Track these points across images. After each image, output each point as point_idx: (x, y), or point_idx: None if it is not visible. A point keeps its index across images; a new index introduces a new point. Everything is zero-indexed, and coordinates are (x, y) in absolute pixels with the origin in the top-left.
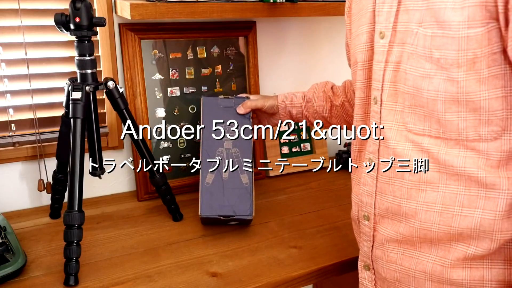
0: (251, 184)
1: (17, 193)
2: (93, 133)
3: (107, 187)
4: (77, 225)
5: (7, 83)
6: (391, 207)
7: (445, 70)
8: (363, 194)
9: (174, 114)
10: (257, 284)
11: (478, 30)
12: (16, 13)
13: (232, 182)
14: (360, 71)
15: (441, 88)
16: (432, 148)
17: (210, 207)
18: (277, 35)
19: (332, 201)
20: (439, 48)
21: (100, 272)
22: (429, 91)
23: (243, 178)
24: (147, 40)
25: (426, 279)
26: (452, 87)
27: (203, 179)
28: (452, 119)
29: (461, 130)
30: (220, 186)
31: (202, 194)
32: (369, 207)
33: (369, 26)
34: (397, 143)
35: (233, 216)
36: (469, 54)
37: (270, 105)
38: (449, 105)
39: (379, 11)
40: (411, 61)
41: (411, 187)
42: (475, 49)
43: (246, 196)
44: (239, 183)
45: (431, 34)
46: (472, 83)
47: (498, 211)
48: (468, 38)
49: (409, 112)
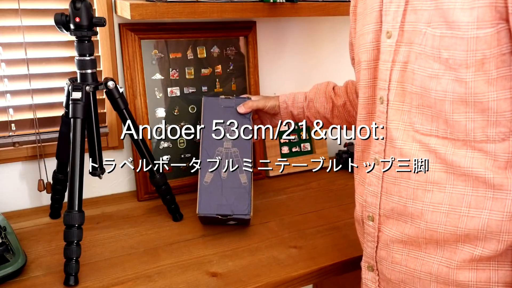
0: (249, 184)
1: (17, 193)
2: (93, 133)
3: (107, 187)
4: (77, 225)
5: (7, 83)
6: (397, 208)
7: (453, 71)
8: (368, 195)
9: (174, 114)
10: (257, 284)
11: (487, 30)
12: (16, 13)
13: (231, 182)
14: (364, 71)
15: (449, 89)
16: (440, 148)
17: (208, 206)
18: (277, 35)
19: (332, 201)
20: (448, 48)
21: (100, 272)
22: (437, 91)
23: (242, 177)
24: (147, 40)
25: (431, 281)
26: (461, 87)
27: (202, 178)
28: (460, 119)
29: (469, 131)
30: (219, 185)
31: (201, 193)
32: (374, 207)
33: (375, 25)
34: (404, 143)
35: (231, 216)
36: (478, 55)
37: (272, 105)
38: (457, 106)
39: (386, 11)
40: (419, 61)
41: (417, 187)
42: (484, 50)
43: (244, 195)
44: (238, 183)
45: (439, 34)
46: (481, 84)
47: (506, 212)
48: (477, 39)
49: (416, 112)
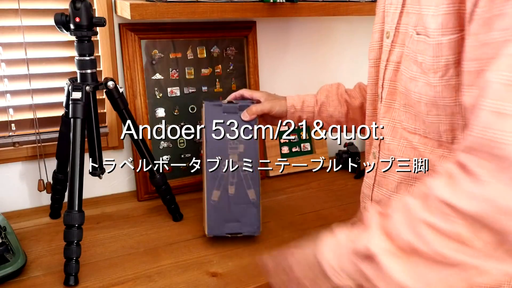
0: (258, 199)
1: (17, 193)
2: (93, 133)
3: (107, 187)
4: (77, 225)
5: (7, 83)
6: (383, 200)
7: (425, 75)
8: (365, 186)
9: (174, 114)
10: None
11: (450, 37)
12: (16, 13)
13: (239, 197)
14: (371, 68)
15: (423, 91)
16: (420, 147)
17: (217, 227)
18: (277, 35)
19: (332, 201)
20: (421, 53)
21: (100, 272)
22: (415, 93)
23: (250, 193)
24: (147, 40)
25: None
26: (431, 91)
27: (209, 196)
28: (434, 121)
29: (442, 133)
30: (226, 203)
31: (209, 212)
32: (367, 199)
33: (380, 25)
34: (393, 139)
35: (240, 234)
36: (442, 61)
37: (279, 110)
38: (430, 108)
39: (387, 12)
40: (404, 63)
41: (401, 182)
42: (448, 56)
43: (253, 212)
44: (246, 199)
45: (417, 39)
46: (448, 88)
47: None
48: (442, 45)
49: (404, 111)
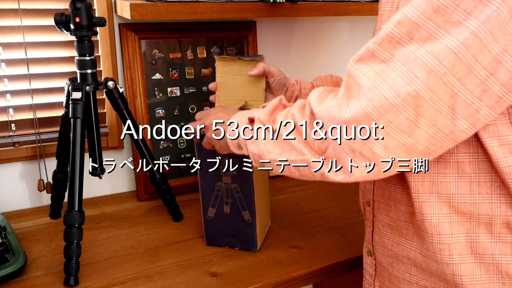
0: (253, 219)
1: (17, 193)
2: (93, 133)
3: (107, 187)
4: (77, 225)
5: (7, 83)
6: (384, 192)
7: None
8: (365, 186)
9: (174, 114)
10: (257, 284)
11: None
12: (16, 13)
13: (234, 218)
14: None
15: None
16: None
17: (215, 239)
18: (277, 35)
19: (332, 201)
20: None
21: (100, 272)
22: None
23: (245, 214)
24: (147, 40)
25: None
26: None
27: (205, 212)
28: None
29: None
30: (222, 219)
31: (206, 227)
32: (369, 192)
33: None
34: None
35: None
36: None
37: (283, 80)
38: None
39: (383, 10)
40: None
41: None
42: None
43: (249, 231)
44: (241, 219)
45: None
46: None
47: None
48: None
49: None
